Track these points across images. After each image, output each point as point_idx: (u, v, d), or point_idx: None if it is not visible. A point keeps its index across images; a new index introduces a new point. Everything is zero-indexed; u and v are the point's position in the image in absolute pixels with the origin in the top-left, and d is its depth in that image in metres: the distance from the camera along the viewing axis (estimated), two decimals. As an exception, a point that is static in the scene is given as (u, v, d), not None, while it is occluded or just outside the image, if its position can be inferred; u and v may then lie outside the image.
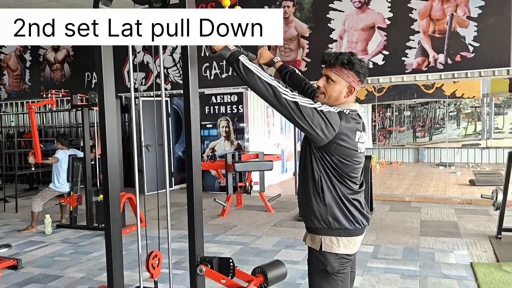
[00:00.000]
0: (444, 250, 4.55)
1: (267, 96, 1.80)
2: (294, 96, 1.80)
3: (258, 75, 1.80)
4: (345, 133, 1.83)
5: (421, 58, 7.00)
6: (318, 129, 1.78)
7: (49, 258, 4.68)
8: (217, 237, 5.32)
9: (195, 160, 2.20)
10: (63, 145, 6.18)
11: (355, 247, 1.99)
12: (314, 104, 1.82)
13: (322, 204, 1.92)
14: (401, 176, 10.27)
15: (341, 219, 1.91)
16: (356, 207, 1.95)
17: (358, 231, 1.96)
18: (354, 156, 1.90)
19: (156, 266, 2.34)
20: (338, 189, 1.91)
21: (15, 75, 10.86)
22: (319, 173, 1.90)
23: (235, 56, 1.84)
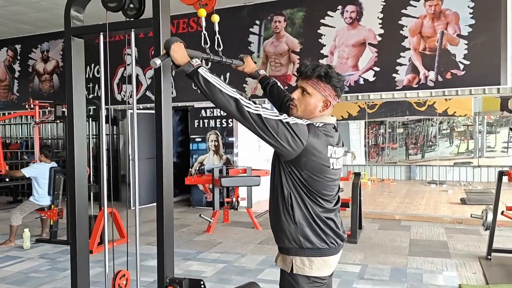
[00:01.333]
0: (433, 271, 4.42)
1: (229, 109, 1.71)
2: (257, 108, 1.70)
3: (219, 88, 1.71)
4: (315, 147, 1.73)
5: (411, 75, 6.98)
6: (284, 142, 1.69)
7: (24, 275, 4.50)
8: (200, 254, 5.16)
9: (166, 174, 2.07)
10: (47, 157, 6.02)
11: (329, 269, 1.88)
12: (280, 116, 1.72)
13: (292, 222, 1.81)
14: (392, 193, 10.17)
15: (313, 238, 1.80)
16: (329, 226, 1.83)
17: (331, 250, 1.85)
18: (325, 172, 1.79)
19: (124, 286, 2.20)
20: (309, 206, 1.80)
21: (3, 86, 10.73)
22: (289, 189, 1.79)
23: (195, 69, 1.74)
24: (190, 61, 1.75)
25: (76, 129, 2.23)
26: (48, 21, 8.88)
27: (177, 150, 9.53)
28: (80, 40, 2.21)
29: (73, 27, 2.16)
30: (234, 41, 8.00)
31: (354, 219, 5.67)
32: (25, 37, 10.23)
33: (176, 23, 8.52)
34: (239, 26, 8.06)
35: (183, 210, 8.13)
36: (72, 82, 2.20)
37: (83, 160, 2.29)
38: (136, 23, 2.09)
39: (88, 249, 2.35)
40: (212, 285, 4.00)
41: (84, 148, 2.31)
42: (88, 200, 2.39)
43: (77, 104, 2.23)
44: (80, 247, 2.25)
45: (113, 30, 2.12)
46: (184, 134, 9.56)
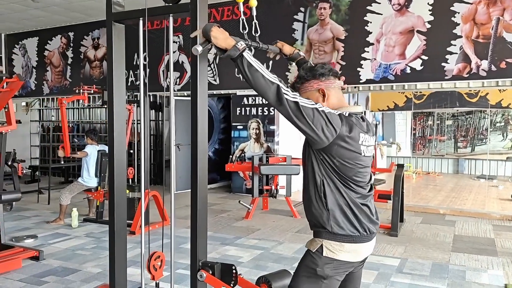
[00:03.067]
0: (477, 269, 4.24)
1: (268, 94, 1.72)
2: (295, 96, 1.72)
3: (261, 73, 1.72)
4: (346, 135, 1.74)
5: (462, 64, 6.65)
6: (318, 130, 1.69)
7: (71, 251, 4.73)
8: (239, 240, 5.22)
9: (201, 160, 2.10)
10: (93, 140, 6.27)
11: (359, 256, 1.86)
12: (315, 105, 1.73)
13: (325, 209, 1.81)
14: (438, 187, 9.83)
15: (344, 225, 1.80)
16: (364, 212, 1.83)
17: (363, 238, 1.83)
18: (357, 159, 1.79)
19: (159, 267, 2.26)
20: (343, 192, 1.80)
21: (57, 72, 11.21)
22: (321, 176, 1.80)
23: (241, 52, 1.74)
24: (236, 45, 1.75)
25: (116, 113, 2.29)
26: (98, 9, 9.16)
27: (219, 137, 9.64)
28: (121, 25, 2.27)
29: (114, 12, 2.22)
30: (278, 28, 7.94)
31: (395, 211, 5.53)
32: (77, 25, 10.61)
33: (220, 10, 8.54)
34: (283, 13, 7.97)
35: (223, 196, 8.23)
36: (113, 67, 2.26)
37: (122, 144, 2.35)
38: (174, 8, 2.12)
39: (125, 229, 2.43)
40: (248, 271, 4.04)
41: (123, 132, 2.38)
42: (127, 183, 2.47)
43: (117, 89, 2.30)
44: (118, 228, 2.33)
45: (152, 15, 2.15)
46: (226, 122, 9.65)
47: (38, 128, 11.60)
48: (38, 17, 9.96)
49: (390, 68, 7.16)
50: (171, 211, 2.26)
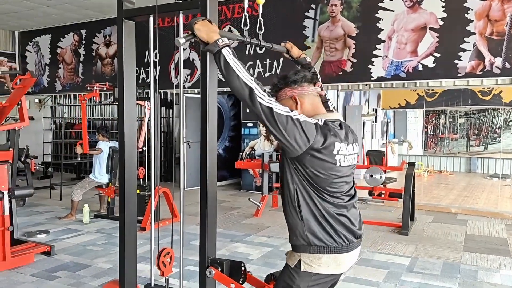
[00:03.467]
0: (489, 269, 4.20)
1: (242, 95, 1.70)
2: (270, 101, 1.68)
3: (237, 73, 1.69)
4: (320, 145, 1.69)
5: (475, 62, 6.56)
6: (291, 139, 1.65)
7: (82, 247, 4.78)
8: (248, 237, 5.22)
9: (210, 157, 2.11)
10: (104, 137, 6.31)
11: (339, 267, 1.80)
12: (291, 113, 1.68)
13: (299, 219, 1.76)
14: (450, 186, 9.73)
15: (320, 235, 1.75)
16: (340, 222, 1.77)
17: (342, 248, 1.77)
18: (331, 169, 1.73)
19: (168, 264, 2.27)
20: (316, 202, 1.75)
21: (69, 69, 11.32)
22: (295, 185, 1.75)
23: (220, 48, 1.72)
24: (216, 41, 1.73)
25: (126, 110, 2.30)
26: (110, 6, 9.21)
27: (229, 135, 9.65)
28: (131, 22, 2.27)
29: (124, 9, 2.22)
30: (289, 25, 7.91)
31: (406, 210, 5.49)
32: (89, 22, 10.70)
33: (231, 7, 8.54)
34: (294, 10, 7.94)
35: (233, 193, 8.25)
36: (123, 64, 2.27)
37: (132, 140, 2.36)
38: (184, 5, 2.12)
39: (135, 226, 2.44)
40: (257, 268, 4.04)
41: (134, 129, 2.39)
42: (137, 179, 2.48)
43: (128, 86, 2.30)
44: (128, 224, 2.34)
45: (162, 12, 2.16)
46: (236, 119, 9.65)
47: (50, 125, 11.72)
48: (50, 14, 10.06)
49: (402, 65, 7.09)
50: (181, 207, 2.27)
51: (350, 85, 7.73)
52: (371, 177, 5.78)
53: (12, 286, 3.65)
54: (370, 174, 5.80)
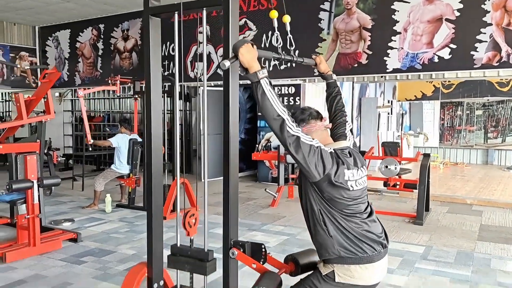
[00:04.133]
0: (503, 257, 4.27)
1: (273, 123, 1.84)
2: (298, 131, 1.84)
3: (271, 103, 1.83)
4: (334, 173, 1.86)
5: (492, 53, 6.56)
6: (312, 165, 1.83)
7: (106, 234, 4.98)
8: (265, 226, 5.37)
9: (233, 146, 2.23)
10: (126, 129, 6.50)
11: (371, 278, 1.94)
12: (313, 142, 1.86)
13: (327, 235, 1.91)
14: (466, 177, 9.72)
15: (351, 248, 1.89)
16: (365, 236, 1.92)
17: (373, 257, 1.92)
18: (345, 194, 1.90)
19: (193, 224, 2.41)
20: (340, 221, 1.91)
21: (88, 63, 11.56)
22: (318, 206, 1.92)
23: (258, 80, 1.85)
24: (257, 72, 1.85)
25: (153, 104, 2.44)
26: (128, 1, 9.40)
27: (245, 127, 9.78)
28: (157, 19, 2.40)
29: (151, 6, 2.35)
30: (304, 18, 7.97)
31: (420, 201, 5.56)
32: (108, 17, 10.90)
33: (247, 1, 8.63)
34: (309, 3, 8.00)
35: (249, 185, 8.40)
36: (150, 60, 2.40)
37: (159, 133, 2.50)
38: (207, 2, 2.23)
39: (162, 214, 2.59)
40: (275, 255, 4.11)
41: (160, 122, 2.52)
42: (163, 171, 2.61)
43: (154, 80, 2.43)
44: (156, 212, 2.49)
45: (187, 9, 2.28)
46: (252, 111, 9.77)
47: (70, 118, 12.01)
48: (70, 9, 10.28)
49: (418, 57, 7.12)
50: (205, 196, 2.39)
51: (366, 77, 7.79)
52: (386, 168, 5.86)
53: (44, 269, 3.86)
54: (385, 165, 5.88)
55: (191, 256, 2.29)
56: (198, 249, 2.31)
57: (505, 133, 12.99)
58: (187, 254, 2.31)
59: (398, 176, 6.15)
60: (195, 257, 2.28)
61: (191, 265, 2.28)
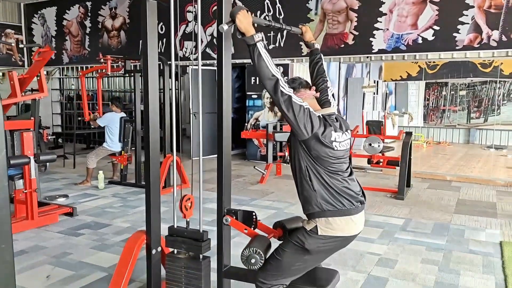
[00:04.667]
0: (476, 228, 4.56)
1: (267, 82, 2.01)
2: (289, 91, 2.02)
3: (267, 64, 2.01)
4: (321, 133, 2.04)
5: (473, 35, 6.78)
6: (301, 124, 2.01)
7: (100, 209, 5.16)
8: (254, 201, 5.60)
9: (226, 123, 2.42)
10: (117, 108, 6.62)
11: (351, 228, 2.13)
12: (303, 103, 2.03)
13: (312, 190, 2.10)
14: (447, 156, 10.06)
15: (332, 201, 2.09)
16: (345, 191, 2.11)
17: (351, 210, 2.12)
18: (330, 153, 2.09)
19: (189, 207, 2.61)
20: (324, 176, 2.09)
21: (76, 41, 11.51)
22: (305, 163, 2.10)
23: (255, 42, 2.02)
24: (253, 35, 2.03)
25: (151, 83, 2.60)
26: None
27: (234, 106, 9.93)
28: (153, 2, 2.54)
29: (148, -10, 2.49)
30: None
31: (402, 177, 5.84)
32: (95, -6, 10.83)
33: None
34: (297, -17, 8.09)
35: (239, 163, 8.60)
36: (147, 41, 2.55)
37: (156, 111, 2.67)
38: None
39: (159, 186, 2.78)
40: (263, 227, 4.40)
41: (157, 99, 2.69)
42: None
43: (151, 60, 2.59)
44: (153, 184, 2.67)
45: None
46: (241, 91, 9.91)
47: (59, 97, 12.00)
48: (57, -13, 10.18)
49: (402, 38, 7.31)
50: (200, 172, 2.58)
51: (352, 58, 7.97)
52: (370, 145, 6.11)
53: (43, 241, 4.04)
54: (368, 143, 6.13)
55: (188, 237, 2.50)
56: (194, 230, 2.51)
57: (487, 113, 13.35)
58: (184, 235, 2.51)
59: (381, 154, 6.41)
60: (191, 237, 2.49)
61: (187, 245, 2.49)
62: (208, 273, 2.55)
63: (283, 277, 2.20)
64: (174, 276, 2.60)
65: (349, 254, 3.73)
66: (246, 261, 2.16)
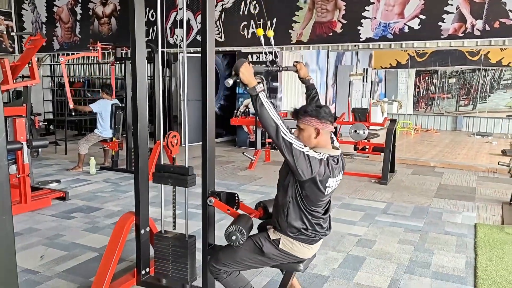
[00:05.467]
0: (453, 211, 4.77)
1: (270, 129, 2.16)
2: (291, 138, 2.16)
3: (268, 112, 2.15)
4: (318, 179, 2.18)
5: (458, 24, 6.93)
6: (299, 169, 2.14)
7: (92, 194, 5.30)
8: (242, 186, 5.76)
9: (210, 108, 2.56)
10: (108, 95, 6.71)
11: (309, 253, 2.35)
12: (304, 149, 2.16)
13: (285, 221, 2.28)
14: (434, 143, 10.28)
15: (299, 233, 2.28)
16: (315, 229, 2.30)
17: (313, 241, 2.32)
18: (319, 196, 2.24)
19: (175, 144, 2.77)
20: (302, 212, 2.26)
21: (66, 28, 11.49)
22: (292, 191, 2.25)
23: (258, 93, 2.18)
24: (255, 86, 2.18)
25: (138, 69, 2.72)
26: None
27: (224, 93, 10.04)
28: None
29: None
30: (282, -14, 8.14)
31: (386, 162, 6.02)
32: (85, -20, 10.80)
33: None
34: (287, -29, 8.16)
35: (228, 149, 8.75)
36: (135, 26, 2.66)
37: (144, 98, 2.80)
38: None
39: (148, 169, 2.92)
40: (250, 210, 4.57)
41: (145, 86, 2.81)
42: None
43: (139, 46, 2.71)
44: (142, 167, 2.82)
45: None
46: (231, 78, 10.00)
47: (50, 83, 12.01)
48: (47, -27, 10.13)
49: (389, 27, 7.44)
50: (185, 158, 2.72)
51: (340, 46, 8.09)
52: (355, 132, 6.28)
53: (37, 223, 4.17)
54: (354, 129, 6.29)
55: (174, 172, 2.68)
56: (180, 166, 2.67)
57: (476, 100, 13.58)
58: (170, 170, 2.70)
59: (367, 140, 6.59)
60: (177, 172, 2.67)
61: (173, 179, 2.67)
62: (194, 251, 2.72)
63: (232, 267, 2.39)
64: (162, 254, 2.76)
65: (330, 235, 3.88)
66: (228, 237, 2.32)
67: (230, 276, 2.40)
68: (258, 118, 2.21)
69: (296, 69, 2.82)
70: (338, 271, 3.23)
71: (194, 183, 2.66)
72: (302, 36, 8.21)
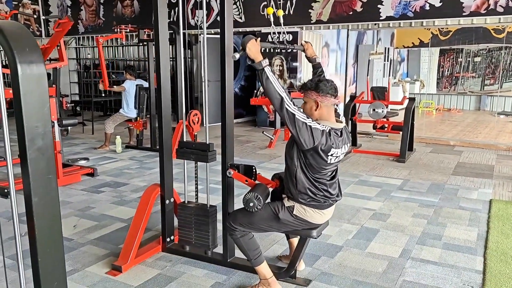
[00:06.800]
0: (469, 188, 4.83)
1: (274, 100, 2.30)
2: (294, 109, 2.29)
3: (273, 85, 2.29)
4: (320, 148, 2.30)
5: (480, 1, 6.83)
6: (301, 138, 2.28)
7: (119, 170, 5.57)
8: (261, 164, 5.93)
9: (228, 88, 2.72)
10: (131, 76, 6.93)
11: (321, 219, 2.51)
12: (306, 120, 2.28)
13: (295, 188, 2.43)
14: (455, 122, 10.21)
15: (309, 199, 2.43)
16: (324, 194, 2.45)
17: (323, 206, 2.47)
18: (322, 165, 2.37)
19: (196, 122, 2.97)
20: (308, 179, 2.40)
21: (91, 11, 11.73)
22: (297, 161, 2.39)
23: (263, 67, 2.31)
24: (261, 61, 2.31)
25: (161, 50, 2.88)
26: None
27: (244, 74, 10.15)
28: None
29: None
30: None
31: (404, 141, 6.08)
32: (108, -37, 10.97)
33: None
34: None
35: (249, 129, 8.92)
36: (158, 10, 2.82)
37: (167, 79, 2.97)
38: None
39: (171, 144, 3.11)
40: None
41: (168, 67, 2.98)
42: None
43: (162, 29, 2.87)
44: (166, 142, 3.01)
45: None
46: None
47: (75, 66, 12.34)
48: (71, -43, 10.33)
49: (410, 5, 7.38)
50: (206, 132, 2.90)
51: (360, 25, 8.07)
52: (374, 111, 6.34)
53: (69, 197, 4.46)
54: (372, 108, 6.35)
55: (196, 148, 2.87)
56: (201, 142, 2.86)
57: (502, 79, 13.29)
58: (192, 147, 2.90)
59: (385, 119, 6.64)
60: (199, 148, 2.87)
61: (195, 155, 2.88)
62: (214, 219, 2.91)
63: (248, 228, 2.56)
64: (185, 223, 2.97)
65: (346, 209, 4.06)
66: (246, 203, 2.49)
67: (243, 237, 2.57)
68: (264, 91, 2.34)
69: (303, 49, 2.95)
70: (352, 242, 3.39)
71: (214, 159, 2.84)
72: (322, 16, 8.22)
